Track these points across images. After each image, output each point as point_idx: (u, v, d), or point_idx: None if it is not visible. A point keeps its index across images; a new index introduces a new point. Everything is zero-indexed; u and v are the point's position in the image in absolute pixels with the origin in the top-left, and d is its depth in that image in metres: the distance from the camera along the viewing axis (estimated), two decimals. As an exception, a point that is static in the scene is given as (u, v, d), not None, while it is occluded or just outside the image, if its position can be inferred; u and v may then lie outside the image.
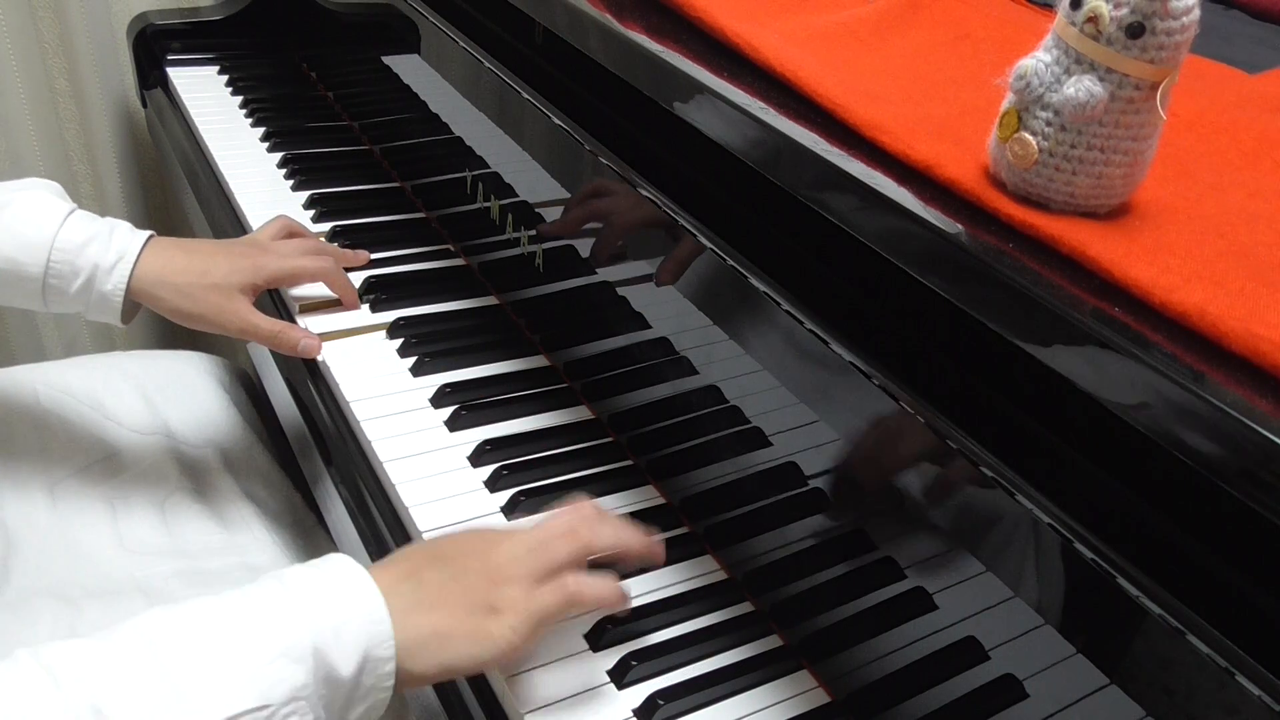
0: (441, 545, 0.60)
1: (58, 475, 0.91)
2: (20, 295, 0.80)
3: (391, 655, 0.53)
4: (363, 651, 0.51)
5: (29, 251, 0.78)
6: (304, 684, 0.49)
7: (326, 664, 0.50)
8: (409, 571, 0.57)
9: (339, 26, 1.29)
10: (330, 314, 0.92)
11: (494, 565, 0.58)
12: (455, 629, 0.55)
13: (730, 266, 0.65)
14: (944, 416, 0.53)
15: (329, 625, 0.51)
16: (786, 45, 0.64)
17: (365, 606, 0.52)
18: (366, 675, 0.52)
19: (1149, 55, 0.45)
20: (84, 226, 0.80)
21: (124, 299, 0.81)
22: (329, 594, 0.52)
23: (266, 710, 0.47)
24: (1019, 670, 0.52)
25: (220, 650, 0.48)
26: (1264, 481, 0.37)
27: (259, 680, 0.48)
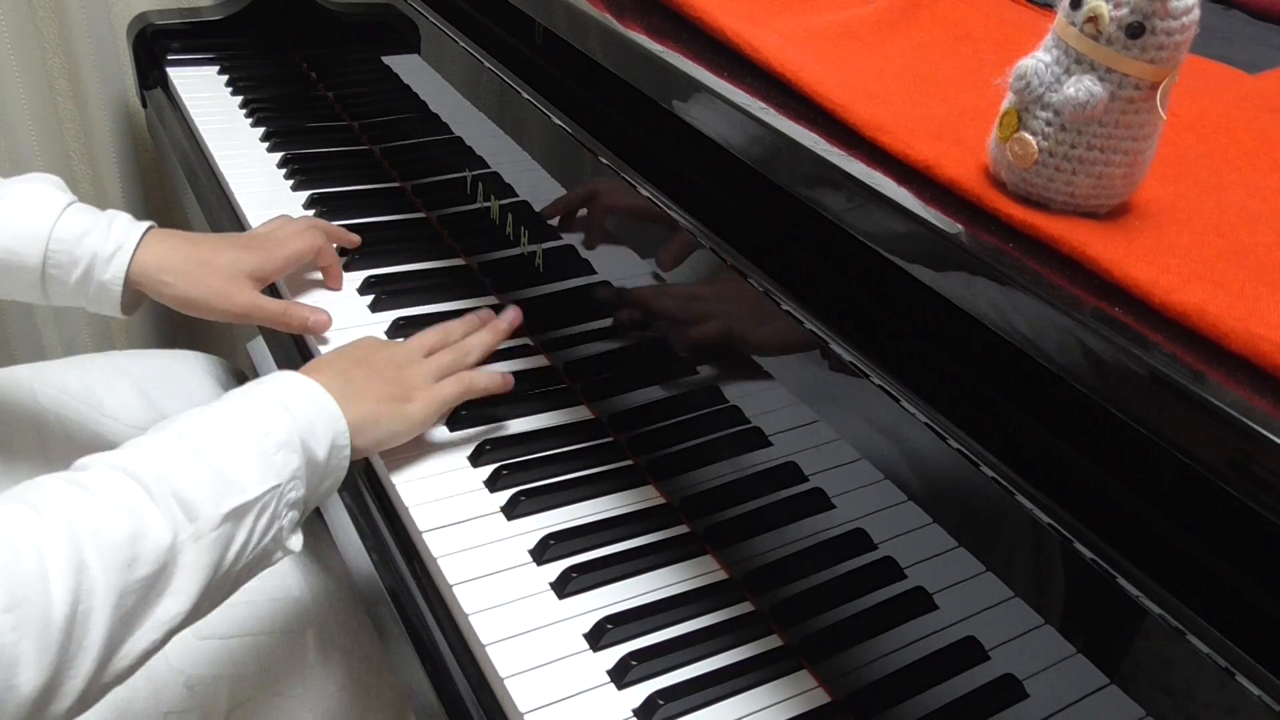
0: (355, 351, 0.76)
1: (57, 473, 0.91)
2: (20, 287, 0.80)
3: (347, 442, 0.68)
4: (330, 439, 0.67)
5: (27, 242, 0.78)
6: (298, 466, 0.64)
7: (309, 450, 0.65)
8: (340, 372, 0.72)
9: (339, 26, 1.29)
10: (330, 313, 0.92)
11: (398, 363, 0.76)
12: (382, 413, 0.72)
13: (730, 266, 0.65)
14: (944, 416, 0.53)
15: (306, 423, 0.65)
16: (786, 45, 0.64)
17: (325, 408, 0.67)
18: (333, 456, 0.67)
19: (1149, 55, 0.45)
20: (82, 217, 0.80)
21: (124, 289, 0.80)
22: (300, 399, 0.66)
23: (280, 488, 0.62)
24: (1019, 670, 0.52)
25: (242, 444, 0.61)
26: (1264, 481, 0.37)
27: (273, 464, 0.62)
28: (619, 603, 0.68)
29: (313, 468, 0.65)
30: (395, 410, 0.73)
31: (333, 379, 0.70)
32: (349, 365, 0.74)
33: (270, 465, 0.62)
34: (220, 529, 0.58)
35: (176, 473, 0.58)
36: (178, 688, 0.76)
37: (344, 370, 0.72)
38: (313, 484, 0.65)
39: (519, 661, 0.64)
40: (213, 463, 0.59)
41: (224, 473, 0.59)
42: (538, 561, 0.71)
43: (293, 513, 0.64)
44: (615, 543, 0.72)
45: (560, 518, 0.74)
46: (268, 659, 0.80)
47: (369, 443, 0.71)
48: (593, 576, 0.69)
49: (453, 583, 0.68)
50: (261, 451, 0.62)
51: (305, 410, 0.66)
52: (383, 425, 0.72)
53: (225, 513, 0.58)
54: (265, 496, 0.61)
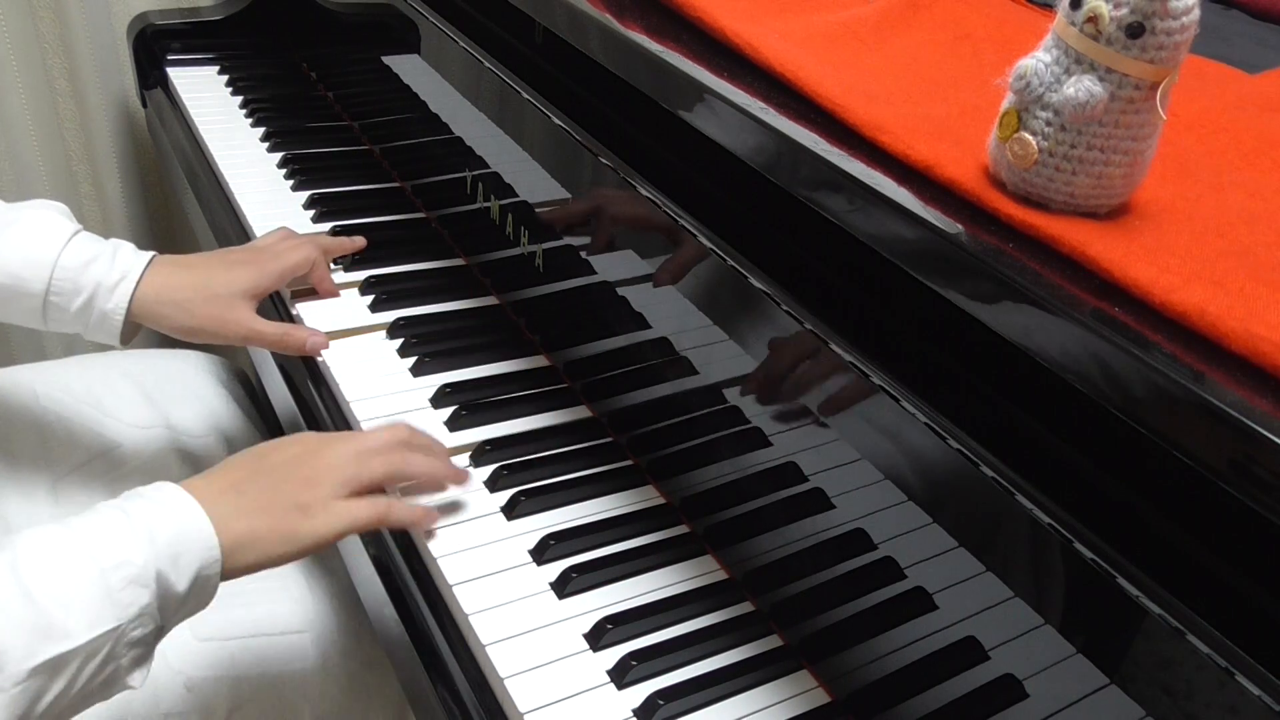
0: (267, 453, 0.67)
1: (59, 472, 0.91)
2: (21, 312, 0.80)
3: (217, 572, 0.61)
4: (195, 571, 0.60)
5: (32, 268, 0.78)
6: (148, 603, 0.57)
7: (166, 584, 0.58)
8: (234, 483, 0.64)
9: (339, 26, 1.29)
10: (330, 314, 0.92)
11: (312, 471, 0.66)
12: (268, 531, 0.63)
13: (730, 267, 0.65)
14: (944, 416, 0.53)
15: (168, 554, 0.58)
16: (787, 45, 0.64)
17: (198, 535, 0.60)
18: (196, 587, 0.60)
19: (1149, 55, 0.45)
20: (88, 246, 0.80)
21: (124, 319, 0.81)
22: (167, 525, 0.59)
23: (119, 629, 0.55)
24: (1019, 670, 0.52)
25: (78, 579, 0.55)
26: (1264, 481, 0.37)
27: (114, 604, 0.55)
28: (619, 603, 0.68)
29: (168, 599, 0.58)
30: (284, 528, 0.64)
31: (223, 490, 0.63)
32: (249, 474, 0.66)
33: (113, 604, 0.55)
34: (26, 684, 0.52)
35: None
36: (177, 689, 0.76)
37: (239, 481, 0.65)
38: (168, 614, 0.59)
39: (519, 661, 0.64)
40: (39, 603, 0.53)
41: (49, 616, 0.53)
42: (538, 561, 0.71)
43: (136, 650, 0.57)
44: (615, 543, 0.72)
45: (560, 518, 0.74)
46: (267, 660, 0.80)
47: (243, 566, 0.63)
48: (593, 576, 0.69)
49: (453, 583, 0.68)
50: (106, 588, 0.55)
51: (173, 537, 0.59)
52: (262, 546, 0.63)
53: (35, 665, 0.52)
54: (97, 641, 0.54)
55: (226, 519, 0.61)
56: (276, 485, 0.65)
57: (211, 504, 0.61)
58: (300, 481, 0.65)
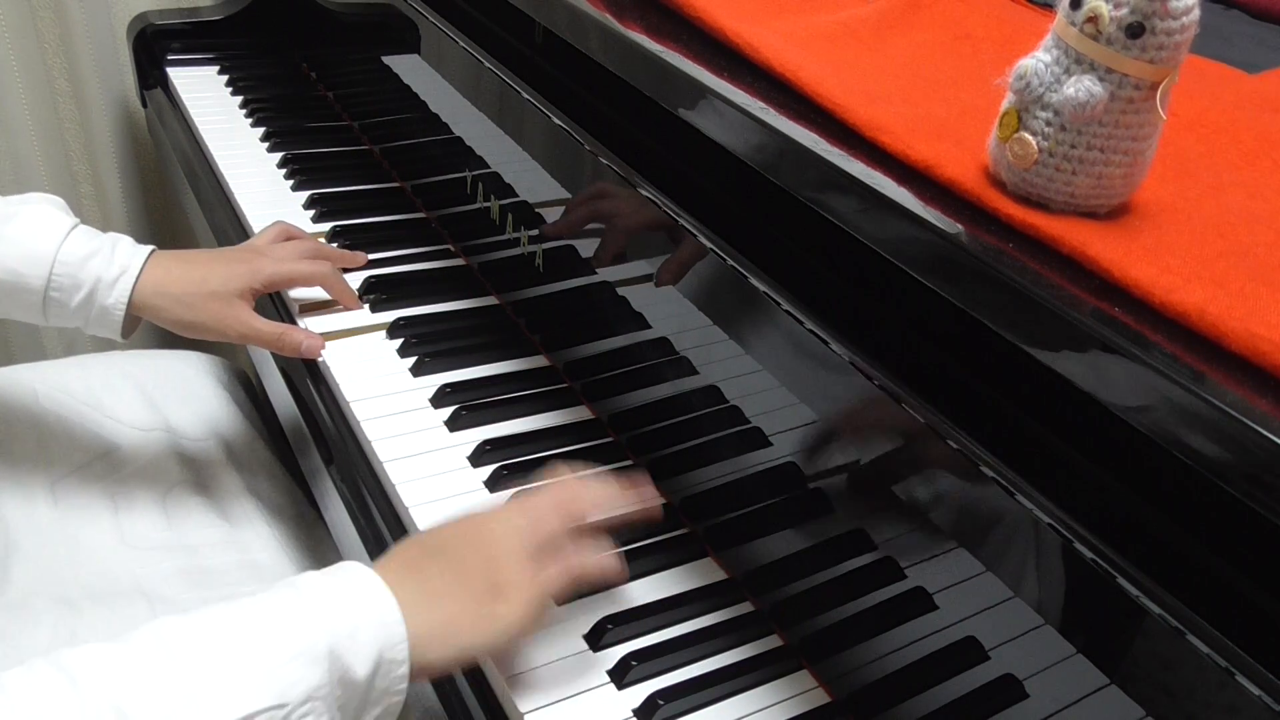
0: (436, 536, 0.61)
1: (58, 473, 0.91)
2: (21, 307, 0.80)
3: (405, 657, 0.53)
4: (378, 652, 0.52)
5: (32, 264, 0.78)
6: (319, 684, 0.49)
7: (342, 665, 0.50)
8: (410, 565, 0.57)
9: (339, 26, 1.29)
10: (330, 314, 0.92)
11: (490, 549, 0.59)
12: (463, 616, 0.56)
13: (730, 267, 0.65)
14: (944, 416, 0.53)
15: (344, 628, 0.51)
16: (787, 45, 0.64)
17: (379, 609, 0.53)
18: (380, 677, 0.52)
19: (1149, 55, 0.45)
20: (87, 241, 0.80)
21: (125, 313, 0.81)
22: (343, 598, 0.52)
23: (284, 709, 0.47)
24: (1019, 670, 0.52)
25: (236, 652, 0.48)
26: (1264, 481, 0.37)
27: (276, 679, 0.48)
28: (619, 603, 0.68)
29: (346, 687, 0.50)
30: (482, 615, 0.56)
31: (401, 573, 0.56)
32: (423, 555, 0.59)
33: (275, 678, 0.48)
34: None
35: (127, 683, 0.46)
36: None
37: (416, 561, 0.58)
38: (348, 710, 0.51)
39: (519, 662, 0.64)
40: (186, 674, 0.47)
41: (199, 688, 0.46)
42: (538, 561, 0.71)
43: None
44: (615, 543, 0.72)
45: (560, 518, 0.74)
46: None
47: (444, 659, 0.56)
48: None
49: (453, 583, 0.68)
50: (269, 660, 0.48)
51: (348, 614, 0.51)
52: (465, 636, 0.56)
53: None
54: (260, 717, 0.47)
55: (414, 605, 0.54)
56: (460, 564, 0.58)
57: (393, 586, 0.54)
58: (483, 560, 0.58)
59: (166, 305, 0.82)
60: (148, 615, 0.79)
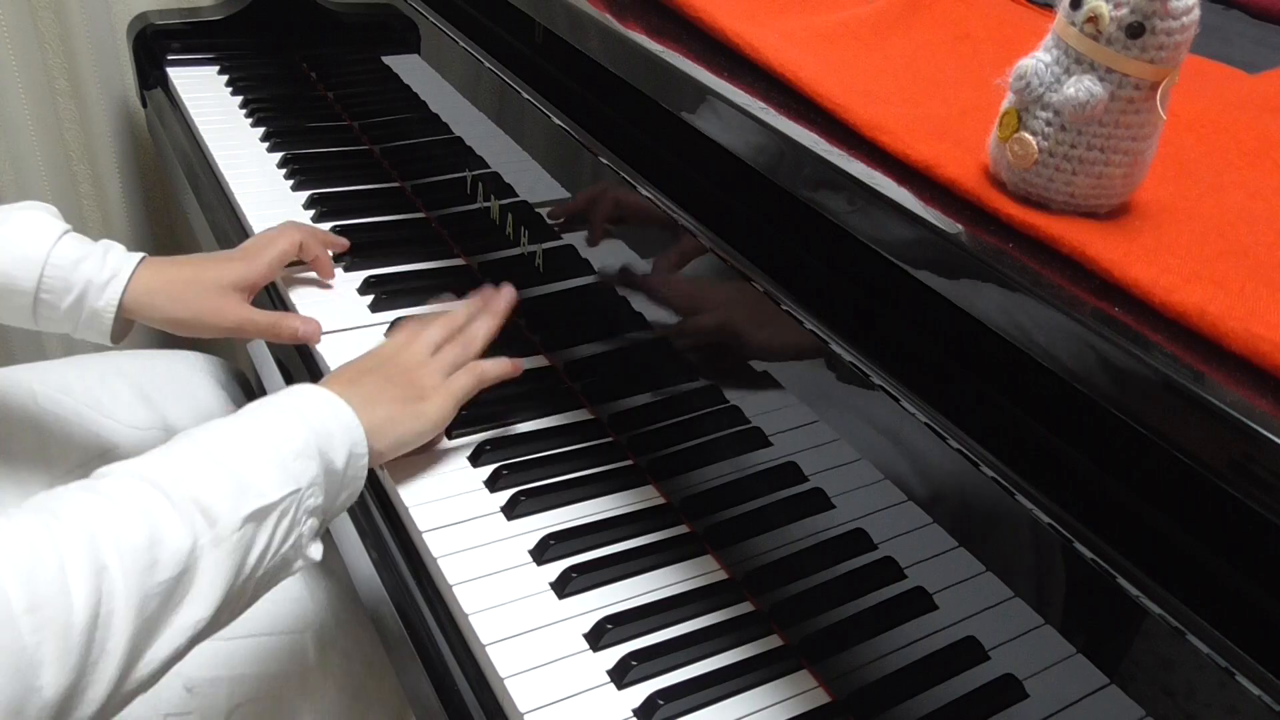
0: (364, 361, 0.77)
1: (57, 472, 0.91)
2: (11, 310, 0.81)
3: (365, 449, 0.68)
4: (348, 447, 0.66)
5: (22, 266, 0.78)
6: (316, 473, 0.63)
7: (327, 459, 0.65)
8: (350, 382, 0.73)
9: (339, 26, 1.29)
10: (330, 314, 0.92)
11: (408, 364, 0.76)
12: (398, 413, 0.73)
13: (731, 266, 0.65)
14: (944, 416, 0.53)
15: (323, 431, 0.65)
16: (786, 45, 0.64)
17: (341, 415, 0.67)
18: (350, 465, 0.67)
19: (1149, 55, 0.45)
20: (79, 245, 0.81)
21: (115, 317, 0.81)
22: (315, 409, 0.67)
23: (299, 493, 0.62)
24: (1019, 670, 0.52)
25: (259, 452, 0.61)
26: (1264, 481, 0.37)
27: (291, 471, 0.62)
28: (619, 603, 0.68)
29: (331, 475, 0.65)
30: (412, 410, 0.73)
31: (347, 385, 0.71)
32: (359, 374, 0.74)
33: (288, 472, 0.62)
34: (240, 533, 0.58)
35: (195, 478, 0.58)
36: (177, 689, 0.76)
37: (354, 379, 0.73)
38: (331, 492, 0.65)
39: (519, 661, 0.64)
40: (231, 469, 0.59)
41: (242, 478, 0.59)
42: (538, 561, 0.71)
43: (312, 520, 0.63)
44: (615, 543, 0.72)
45: (560, 518, 0.74)
46: (267, 661, 0.80)
47: (388, 445, 0.72)
48: (593, 576, 0.69)
49: (453, 583, 0.68)
50: (280, 459, 0.62)
51: (321, 419, 0.66)
52: (401, 426, 0.72)
53: (244, 516, 0.58)
54: (285, 501, 0.61)
55: (360, 408, 0.68)
56: (389, 377, 0.74)
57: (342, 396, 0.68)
58: (403, 375, 0.75)
59: (159, 303, 0.83)
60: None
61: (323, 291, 0.96)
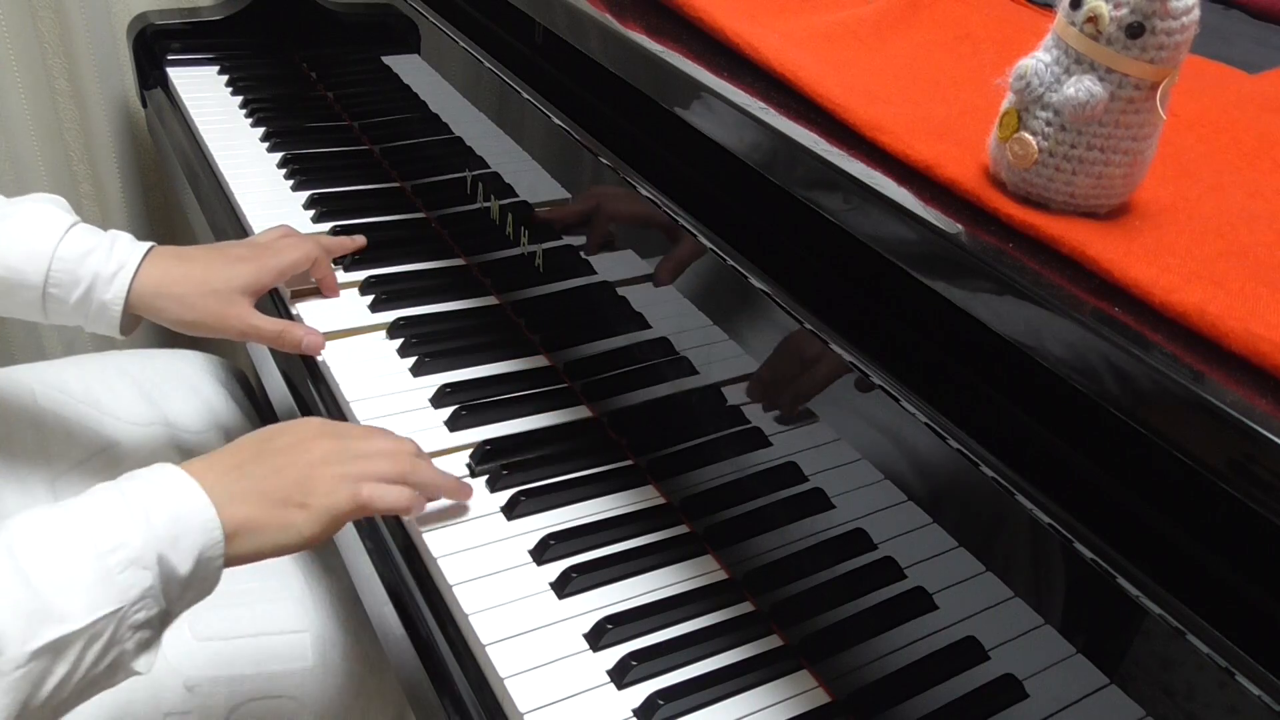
0: (274, 435, 0.67)
1: (58, 469, 0.91)
2: (20, 305, 0.80)
3: (220, 554, 0.60)
4: (197, 553, 0.58)
5: (30, 260, 0.78)
6: (150, 585, 0.56)
7: (168, 566, 0.57)
8: (237, 464, 0.64)
9: (339, 26, 1.29)
10: (330, 314, 0.92)
11: (312, 464, 0.66)
12: (266, 521, 0.63)
13: (730, 266, 0.65)
14: (944, 416, 0.53)
15: (169, 535, 0.57)
16: (787, 45, 0.64)
17: (200, 516, 0.59)
18: (200, 569, 0.59)
19: (1149, 55, 0.45)
20: (86, 238, 0.80)
21: (123, 310, 0.81)
22: (167, 505, 0.58)
23: (121, 611, 0.55)
24: (1019, 670, 0.52)
25: (77, 561, 0.54)
26: (1264, 481, 0.37)
27: (114, 587, 0.54)
28: (619, 603, 0.68)
29: (170, 583, 0.57)
30: (281, 519, 0.63)
31: (227, 469, 0.63)
32: (253, 455, 0.65)
33: (111, 586, 0.54)
34: (27, 667, 0.51)
35: None
36: (177, 689, 0.76)
37: (241, 463, 0.64)
38: (171, 597, 0.58)
39: (519, 661, 0.64)
40: (36, 586, 0.52)
41: (45, 599, 0.52)
42: (538, 561, 0.71)
43: (141, 633, 0.56)
44: (615, 543, 0.72)
45: (560, 518, 0.74)
46: (267, 660, 0.80)
47: (245, 553, 0.62)
48: (593, 576, 0.69)
49: (453, 583, 0.68)
50: (103, 570, 0.54)
51: (171, 518, 0.58)
52: (263, 535, 0.62)
53: (35, 649, 0.51)
54: (98, 624, 0.54)
55: (228, 502, 0.61)
56: (280, 470, 0.64)
57: (212, 485, 0.60)
58: (303, 468, 0.65)
59: (166, 305, 0.82)
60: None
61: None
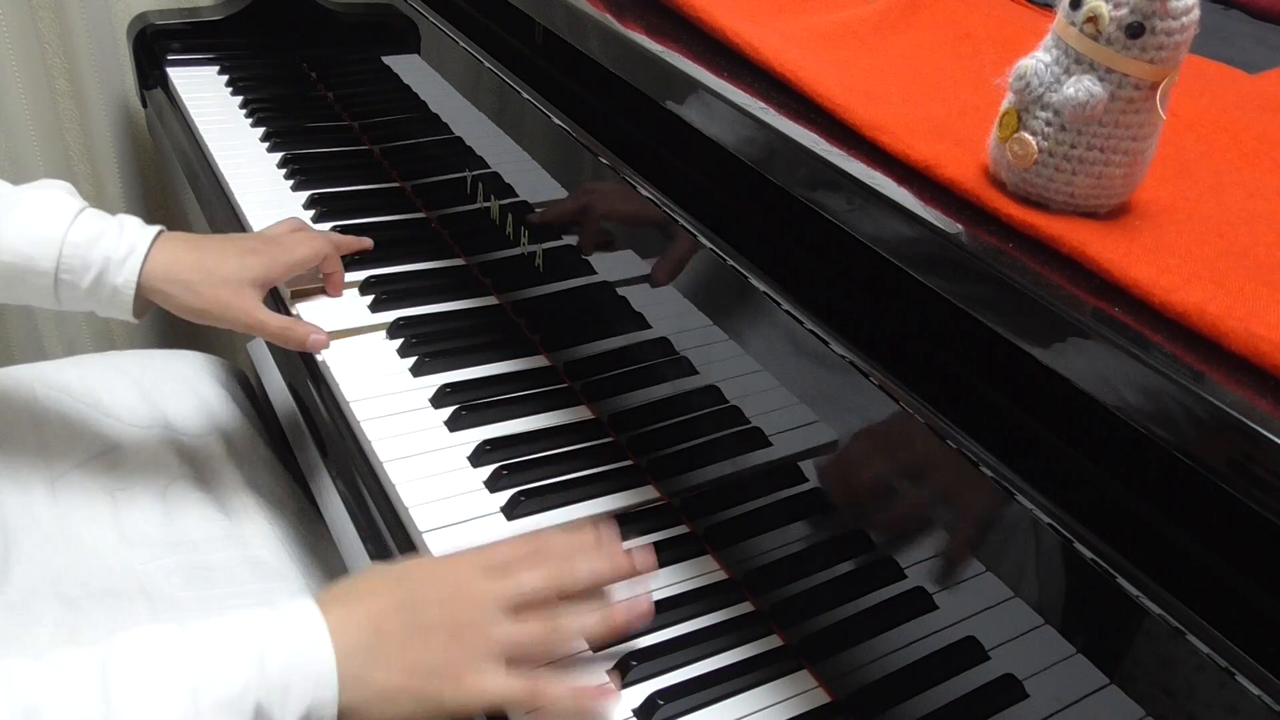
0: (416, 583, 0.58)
1: (58, 470, 0.91)
2: (33, 291, 0.80)
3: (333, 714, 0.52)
4: (305, 711, 0.51)
5: (41, 247, 0.78)
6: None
7: (265, 717, 0.50)
8: (370, 618, 0.55)
9: (339, 26, 1.29)
10: (330, 314, 0.92)
11: (460, 628, 0.56)
12: (402, 690, 0.54)
13: (730, 266, 0.65)
14: (944, 417, 0.53)
15: (278, 683, 0.50)
16: (786, 45, 0.64)
17: (317, 668, 0.52)
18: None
19: (1149, 55, 0.45)
20: (95, 223, 0.80)
21: (135, 294, 0.81)
22: (286, 650, 0.51)
23: None
24: (1019, 670, 0.52)
25: (168, 693, 0.48)
26: (1264, 481, 0.37)
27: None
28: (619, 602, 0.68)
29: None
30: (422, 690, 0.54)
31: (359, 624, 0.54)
32: (391, 607, 0.56)
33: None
34: None
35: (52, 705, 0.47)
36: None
37: (379, 614, 0.55)
38: None
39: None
40: (115, 711, 0.47)
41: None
42: (538, 561, 0.71)
43: None
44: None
45: (560, 518, 0.74)
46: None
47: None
48: (593, 576, 0.69)
49: (453, 583, 0.68)
50: (194, 708, 0.48)
51: (285, 668, 0.51)
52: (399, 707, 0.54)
53: None
54: None
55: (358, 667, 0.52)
56: (420, 634, 0.55)
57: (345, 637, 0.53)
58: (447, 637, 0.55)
59: (175, 292, 0.82)
60: (148, 615, 0.79)
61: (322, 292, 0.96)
